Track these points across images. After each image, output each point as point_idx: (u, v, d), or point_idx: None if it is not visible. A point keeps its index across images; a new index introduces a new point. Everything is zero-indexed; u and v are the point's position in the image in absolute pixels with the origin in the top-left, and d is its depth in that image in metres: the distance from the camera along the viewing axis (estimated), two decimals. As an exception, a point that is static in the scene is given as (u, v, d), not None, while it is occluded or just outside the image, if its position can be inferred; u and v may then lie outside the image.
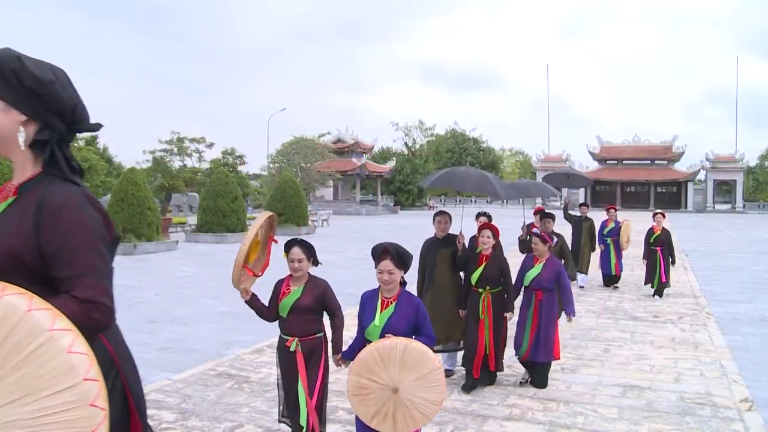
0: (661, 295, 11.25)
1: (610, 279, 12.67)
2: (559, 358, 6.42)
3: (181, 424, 5.05)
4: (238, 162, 56.21)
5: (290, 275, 4.33)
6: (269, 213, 4.44)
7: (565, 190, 14.27)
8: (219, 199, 24.02)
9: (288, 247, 4.31)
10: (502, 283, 6.11)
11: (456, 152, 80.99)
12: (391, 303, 3.86)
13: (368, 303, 3.98)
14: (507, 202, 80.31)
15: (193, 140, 50.07)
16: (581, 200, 63.03)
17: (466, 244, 6.56)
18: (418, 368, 3.36)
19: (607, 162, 72.75)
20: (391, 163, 63.24)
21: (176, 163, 49.46)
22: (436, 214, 6.46)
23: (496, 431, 5.05)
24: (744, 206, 66.32)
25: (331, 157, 50.05)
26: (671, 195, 71.08)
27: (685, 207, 66.99)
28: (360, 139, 60.96)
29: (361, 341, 3.95)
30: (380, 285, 3.93)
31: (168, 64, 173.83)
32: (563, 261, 7.95)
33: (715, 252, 21.44)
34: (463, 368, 6.25)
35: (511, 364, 6.89)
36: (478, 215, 7.99)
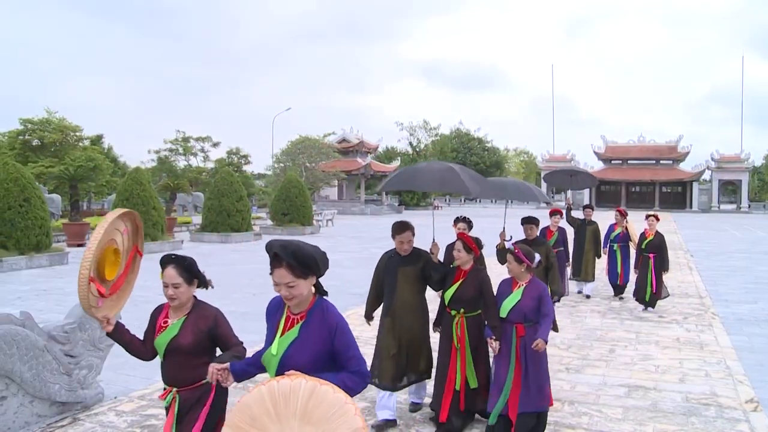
0: (654, 306, 10.18)
1: (616, 288, 11.62)
2: (552, 404, 5.01)
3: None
4: (243, 162, 56.38)
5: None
6: (123, 210, 3.44)
7: (568, 191, 13.26)
8: (224, 199, 24.06)
9: (161, 265, 3.29)
10: (482, 305, 4.95)
11: (461, 152, 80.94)
12: (297, 322, 2.80)
13: (272, 317, 2.92)
14: (512, 201, 79.86)
15: (198, 139, 50.23)
16: (586, 201, 63.14)
17: (442, 257, 5.78)
18: (328, 426, 2.46)
19: (612, 162, 72.59)
20: (396, 163, 63.20)
21: (181, 162, 49.63)
22: (394, 229, 5.11)
23: (501, 431, 5.03)
24: (749, 206, 66.10)
25: (336, 157, 50.05)
26: (676, 195, 70.90)
27: (690, 207, 66.78)
28: (364, 138, 60.96)
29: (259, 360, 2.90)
30: None
31: (172, 64, 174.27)
32: (548, 272, 6.99)
33: (721, 252, 21.37)
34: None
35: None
36: (457, 220, 7.13)
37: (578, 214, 12.02)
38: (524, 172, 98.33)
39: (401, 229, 5.06)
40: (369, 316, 5.39)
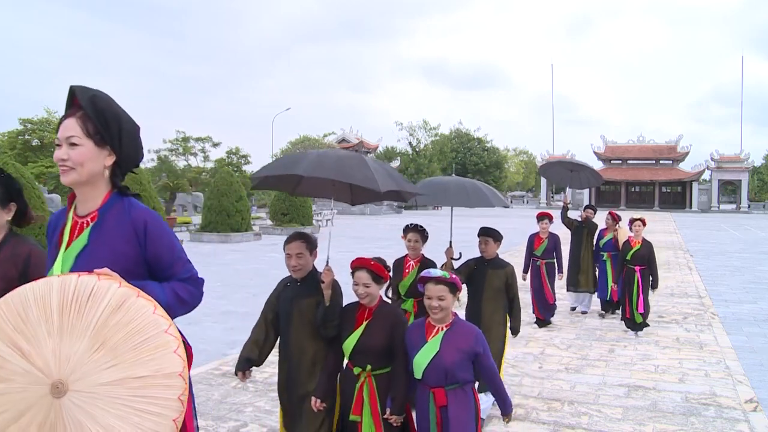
0: (641, 330, 8.44)
1: (607, 305, 9.87)
2: None
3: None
4: (242, 162, 56.42)
5: None
6: None
7: (567, 190, 10.15)
8: (223, 199, 24.05)
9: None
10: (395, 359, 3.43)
11: (460, 152, 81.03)
12: (87, 226, 2.11)
13: (52, 233, 2.22)
14: (511, 201, 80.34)
15: (198, 139, 50.31)
16: (586, 201, 63.20)
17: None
18: (130, 357, 1.78)
19: (612, 162, 72.65)
20: (396, 163, 63.28)
21: (181, 162, 49.67)
22: (286, 241, 3.73)
23: (501, 431, 5.05)
24: (749, 206, 66.16)
25: (336, 157, 49.98)
26: (676, 195, 71.01)
27: (690, 207, 66.83)
28: (364, 138, 61.01)
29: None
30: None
31: (173, 63, 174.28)
32: (512, 304, 5.32)
33: (720, 252, 21.38)
34: None
35: (516, 364, 6.89)
36: (407, 230, 5.36)
37: (577, 215, 10.42)
38: (524, 172, 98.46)
39: (293, 239, 3.71)
40: (240, 367, 3.74)
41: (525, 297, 8.84)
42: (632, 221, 8.63)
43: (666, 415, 5.42)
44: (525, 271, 9.09)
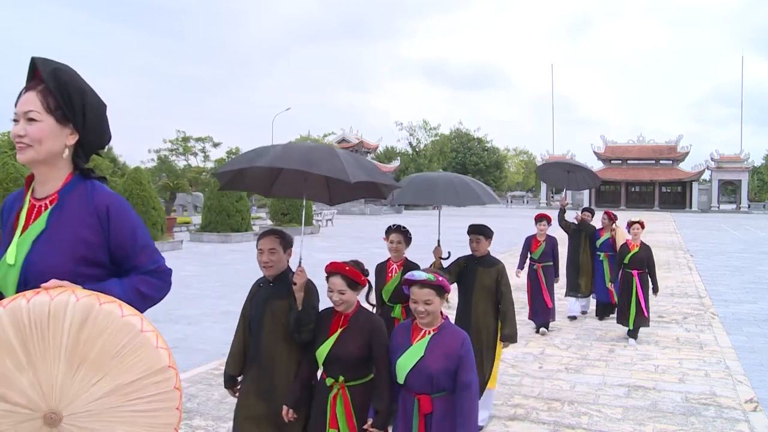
0: (636, 337, 8.11)
1: (605, 308, 9.54)
2: None
3: (185, 423, 5.06)
4: (242, 161, 56.39)
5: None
6: None
7: (566, 192, 9.67)
8: (223, 199, 24.05)
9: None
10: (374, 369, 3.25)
11: (460, 152, 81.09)
12: (45, 209, 1.99)
13: (7, 216, 2.07)
14: (511, 201, 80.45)
15: (198, 139, 50.34)
16: (586, 202, 63.25)
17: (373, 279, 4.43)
18: (117, 367, 1.72)
19: (612, 162, 72.66)
20: (396, 163, 63.25)
21: (181, 162, 49.69)
22: (259, 237, 3.53)
23: (501, 431, 5.04)
24: (749, 206, 66.18)
25: (336, 157, 49.98)
26: (676, 195, 71.03)
27: (690, 207, 66.83)
28: (364, 138, 61.01)
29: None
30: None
31: (173, 63, 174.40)
32: (500, 305, 5.04)
33: (720, 252, 21.38)
34: None
35: (516, 364, 6.89)
36: (389, 231, 5.06)
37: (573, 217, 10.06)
38: (524, 172, 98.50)
39: (265, 235, 3.50)
40: (227, 385, 3.62)
41: (522, 297, 8.84)
42: (630, 224, 8.27)
43: (666, 415, 5.41)
44: (519, 268, 8.71)
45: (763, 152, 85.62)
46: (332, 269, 3.23)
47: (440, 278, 3.03)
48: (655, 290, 8.23)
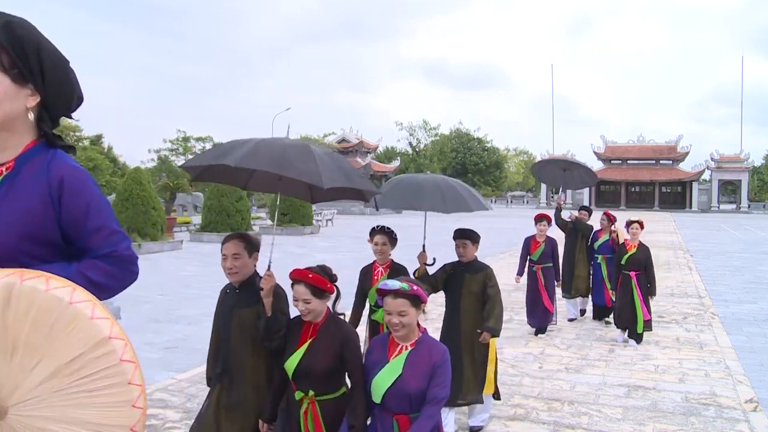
0: (640, 341, 7.91)
1: (602, 311, 9.29)
2: None
3: (185, 423, 5.06)
4: (242, 162, 56.38)
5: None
6: None
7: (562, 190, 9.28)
8: (223, 199, 24.06)
9: None
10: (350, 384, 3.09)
11: (460, 152, 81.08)
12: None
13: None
14: (511, 201, 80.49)
15: (198, 139, 50.33)
16: (586, 201, 63.21)
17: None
18: (51, 345, 1.56)
19: (612, 162, 72.68)
20: (396, 163, 63.30)
21: (181, 162, 49.64)
22: (222, 242, 3.39)
23: (501, 431, 5.04)
24: (749, 206, 66.19)
25: (336, 157, 49.99)
26: (676, 195, 71.07)
27: (690, 207, 66.86)
28: (364, 138, 61.02)
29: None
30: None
31: (173, 63, 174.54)
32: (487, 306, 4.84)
33: (720, 252, 21.38)
34: None
35: (515, 364, 6.89)
36: (373, 232, 4.85)
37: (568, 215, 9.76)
38: (524, 172, 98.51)
39: (224, 240, 3.37)
40: (210, 382, 3.48)
41: (522, 298, 8.84)
42: (629, 223, 8.02)
43: (666, 415, 5.41)
44: (519, 274, 8.64)
45: (763, 152, 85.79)
46: (295, 276, 3.01)
47: (415, 287, 2.82)
48: (653, 293, 8.05)
